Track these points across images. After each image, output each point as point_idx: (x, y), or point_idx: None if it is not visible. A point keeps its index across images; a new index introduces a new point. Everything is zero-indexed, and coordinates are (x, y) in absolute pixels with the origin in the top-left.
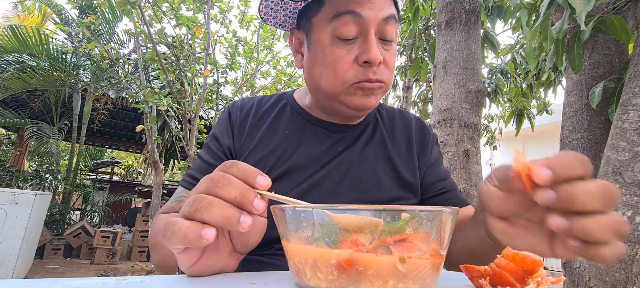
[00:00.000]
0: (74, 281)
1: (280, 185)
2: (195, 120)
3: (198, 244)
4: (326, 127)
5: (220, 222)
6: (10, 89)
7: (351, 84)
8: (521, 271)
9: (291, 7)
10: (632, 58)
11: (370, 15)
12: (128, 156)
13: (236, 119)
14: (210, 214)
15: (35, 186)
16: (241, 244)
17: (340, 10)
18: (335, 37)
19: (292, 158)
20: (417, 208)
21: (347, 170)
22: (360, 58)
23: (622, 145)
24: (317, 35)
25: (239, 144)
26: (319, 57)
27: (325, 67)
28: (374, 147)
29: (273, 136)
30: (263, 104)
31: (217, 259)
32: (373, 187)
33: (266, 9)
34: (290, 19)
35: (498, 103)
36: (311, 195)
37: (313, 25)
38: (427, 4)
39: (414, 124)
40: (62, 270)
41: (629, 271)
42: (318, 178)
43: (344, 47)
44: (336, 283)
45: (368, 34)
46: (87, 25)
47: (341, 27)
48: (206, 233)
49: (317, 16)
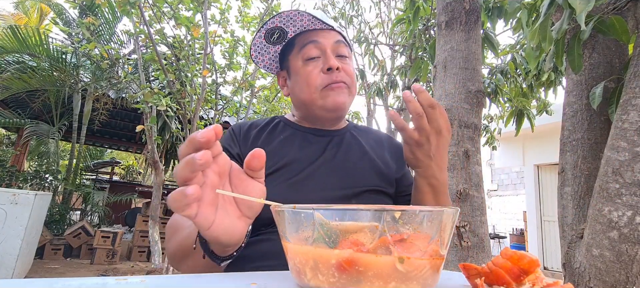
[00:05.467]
0: (74, 281)
1: (279, 176)
2: (195, 120)
3: (186, 200)
4: (314, 133)
5: (184, 167)
6: (10, 89)
7: (322, 88)
8: (517, 270)
9: (272, 51)
10: (632, 58)
11: (324, 41)
12: (128, 156)
13: (238, 133)
14: (176, 171)
15: (35, 186)
16: (246, 207)
17: (305, 42)
18: (304, 60)
19: (288, 156)
20: (417, 208)
21: (335, 164)
22: (324, 67)
23: (622, 145)
24: (293, 66)
25: (245, 153)
26: (296, 79)
27: (302, 82)
28: (354, 147)
29: (270, 143)
30: (260, 123)
31: (228, 222)
32: (356, 176)
33: (255, 53)
34: (274, 62)
35: (498, 103)
36: (303, 183)
37: (289, 61)
38: (427, 4)
39: (383, 135)
40: (62, 270)
41: (629, 271)
42: (310, 170)
43: (311, 64)
44: (337, 284)
45: (326, 51)
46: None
47: (307, 52)
48: (188, 189)
49: (291, 54)
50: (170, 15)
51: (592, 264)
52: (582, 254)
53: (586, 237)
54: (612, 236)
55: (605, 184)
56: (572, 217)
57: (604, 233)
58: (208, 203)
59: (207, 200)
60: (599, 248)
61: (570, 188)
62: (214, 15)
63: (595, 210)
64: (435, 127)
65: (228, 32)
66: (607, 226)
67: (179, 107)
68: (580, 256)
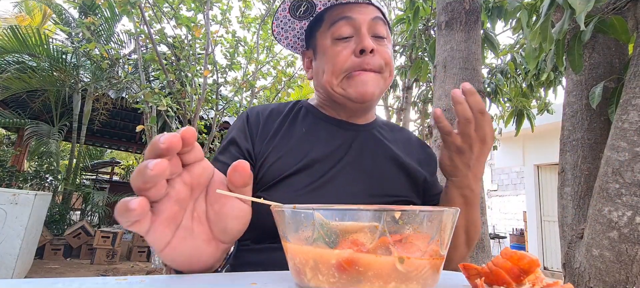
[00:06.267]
0: (74, 281)
1: (299, 179)
2: (195, 120)
3: (128, 216)
4: (338, 125)
5: (136, 175)
6: (10, 89)
7: (347, 73)
8: (517, 270)
9: (298, 27)
10: (632, 58)
11: (360, 17)
12: (128, 156)
13: (254, 123)
14: (131, 179)
15: (35, 186)
16: (219, 230)
17: (336, 18)
18: (334, 38)
19: (310, 154)
20: (417, 208)
21: (360, 166)
22: (356, 48)
23: (622, 145)
24: (320, 44)
25: (260, 146)
26: (323, 60)
27: (328, 64)
28: (383, 148)
29: (291, 136)
30: (281, 108)
31: (191, 245)
32: (384, 183)
33: (278, 29)
34: (300, 40)
35: (498, 103)
36: (326, 188)
37: (317, 39)
38: (427, 4)
39: (413, 139)
40: (62, 270)
41: (629, 271)
42: (334, 172)
43: (342, 44)
44: (337, 284)
45: (360, 30)
46: (87, 25)
47: (338, 30)
48: (131, 203)
49: (319, 30)
50: (171, 15)
51: (592, 264)
52: (582, 254)
53: (586, 237)
54: (612, 236)
55: (605, 184)
56: (572, 217)
57: (604, 233)
58: (165, 220)
59: (164, 215)
60: (599, 248)
61: (570, 188)
62: (215, 16)
63: (595, 210)
64: (480, 135)
65: (229, 32)
66: (607, 226)
67: (179, 107)
68: (580, 256)
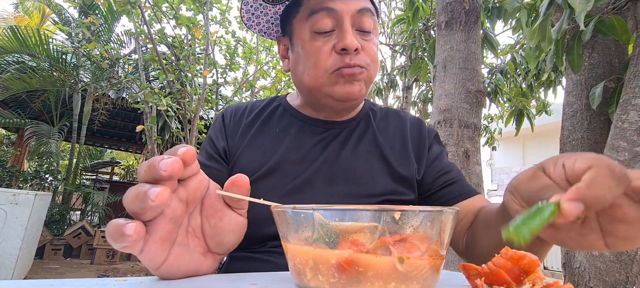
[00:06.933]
0: (74, 282)
1: (271, 182)
2: (195, 120)
3: (123, 241)
4: (316, 124)
5: (133, 200)
6: (10, 89)
7: (331, 72)
8: (517, 270)
9: (271, 12)
10: (632, 58)
11: (343, 8)
12: (128, 156)
13: (229, 121)
14: (126, 200)
15: (35, 186)
16: (215, 244)
17: (316, 8)
18: (313, 32)
19: (280, 155)
20: (417, 208)
21: (339, 166)
22: (337, 46)
23: (622, 145)
24: (297, 35)
25: (233, 145)
26: (301, 54)
27: (307, 61)
28: (366, 143)
29: (264, 135)
30: (256, 106)
31: (188, 260)
32: (366, 182)
33: (248, 15)
34: (274, 25)
35: (498, 103)
36: (303, 192)
37: (293, 27)
38: (427, 4)
39: (408, 122)
40: (62, 270)
41: (629, 271)
42: (309, 174)
43: (322, 39)
44: (337, 284)
45: (343, 24)
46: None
47: (317, 22)
48: (127, 228)
49: (296, 17)
50: (172, 14)
51: (592, 264)
52: (582, 254)
53: None
54: None
55: None
56: None
57: None
58: (160, 239)
59: (159, 235)
60: None
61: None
62: (214, 16)
63: None
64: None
65: (229, 32)
66: None
67: (179, 107)
68: (580, 256)
